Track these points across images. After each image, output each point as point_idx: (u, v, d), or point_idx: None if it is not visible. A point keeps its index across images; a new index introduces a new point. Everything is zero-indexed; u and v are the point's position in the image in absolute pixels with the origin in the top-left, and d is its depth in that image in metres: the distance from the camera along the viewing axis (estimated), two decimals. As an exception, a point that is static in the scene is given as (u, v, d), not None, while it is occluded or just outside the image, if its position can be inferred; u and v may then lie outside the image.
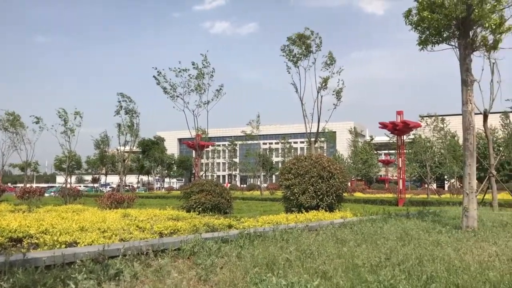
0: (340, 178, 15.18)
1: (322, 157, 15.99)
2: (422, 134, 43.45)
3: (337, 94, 24.52)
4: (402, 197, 27.78)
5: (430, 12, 10.48)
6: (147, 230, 9.01)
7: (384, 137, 66.68)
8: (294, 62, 24.41)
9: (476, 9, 10.05)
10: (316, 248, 7.00)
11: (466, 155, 10.15)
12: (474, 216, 10.02)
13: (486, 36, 10.76)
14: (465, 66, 10.38)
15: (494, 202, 18.62)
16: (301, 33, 24.08)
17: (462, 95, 10.34)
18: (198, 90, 25.96)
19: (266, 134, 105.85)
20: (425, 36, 11.20)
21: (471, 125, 10.19)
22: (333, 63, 24.48)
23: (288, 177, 15.20)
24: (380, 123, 30.36)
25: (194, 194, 16.20)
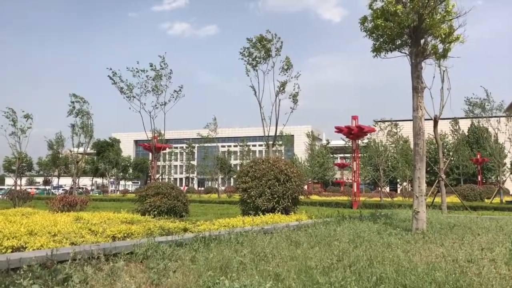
0: (296, 181, 15.34)
1: (279, 160, 16.10)
2: (376, 138, 44.63)
3: (294, 98, 24.79)
4: (356, 200, 28.38)
5: (384, 20, 10.78)
6: (99, 234, 8.79)
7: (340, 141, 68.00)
8: (253, 65, 24.47)
9: (427, 18, 10.43)
10: (270, 250, 7.04)
11: (416, 159, 10.50)
12: (423, 219, 10.36)
13: (436, 45, 11.16)
14: (416, 74, 10.75)
15: (443, 205, 19.34)
16: (262, 36, 24.17)
17: (413, 102, 10.69)
18: (155, 91, 25.65)
19: (224, 137, 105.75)
20: (379, 44, 11.51)
21: (421, 131, 10.55)
22: (290, 68, 24.70)
23: (245, 180, 15.23)
24: (336, 127, 30.93)
25: (150, 197, 15.96)
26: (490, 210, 21.94)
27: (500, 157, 36.67)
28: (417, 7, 10.26)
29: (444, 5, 10.68)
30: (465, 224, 11.77)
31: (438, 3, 10.47)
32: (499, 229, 10.97)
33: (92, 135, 34.13)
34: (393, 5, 10.31)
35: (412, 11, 10.38)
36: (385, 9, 10.64)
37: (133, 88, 25.50)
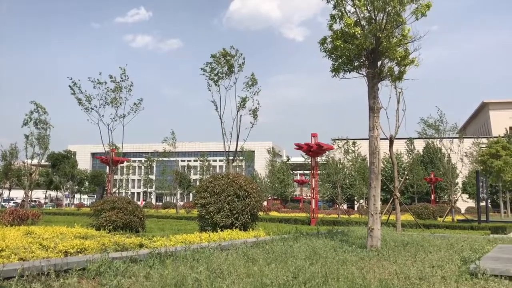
0: (256, 198, 15.36)
1: (239, 176, 16.10)
2: (335, 156, 45.39)
3: (253, 113, 24.95)
4: (314, 217, 28.65)
5: (343, 41, 11.08)
6: (51, 249, 8.48)
7: (300, 157, 68.82)
8: (215, 80, 24.52)
9: (384, 41, 10.80)
10: (227, 267, 7.00)
11: (372, 177, 10.75)
12: (378, 236, 10.58)
13: (392, 67, 11.55)
14: (373, 94, 11.06)
15: (398, 223, 19.78)
16: (226, 51, 24.29)
17: (369, 121, 10.98)
18: (114, 104, 25.21)
19: (185, 151, 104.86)
20: (338, 64, 11.79)
21: (376, 150, 10.83)
22: (254, 84, 24.89)
23: (204, 195, 15.12)
24: (296, 144, 31.26)
25: (105, 212, 15.56)
26: (442, 228, 22.62)
27: (453, 177, 38.05)
28: (375, 30, 10.61)
29: (400, 29, 11.08)
30: (418, 242, 12.09)
31: (395, 27, 10.86)
32: (449, 247, 11.33)
33: (48, 147, 33.08)
34: (352, 27, 10.61)
35: (370, 34, 10.72)
36: (344, 30, 10.95)
37: (92, 99, 24.99)
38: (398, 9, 10.45)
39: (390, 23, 10.61)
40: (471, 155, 46.81)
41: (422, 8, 10.59)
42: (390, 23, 10.63)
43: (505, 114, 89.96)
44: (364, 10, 10.68)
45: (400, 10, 10.51)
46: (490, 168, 38.95)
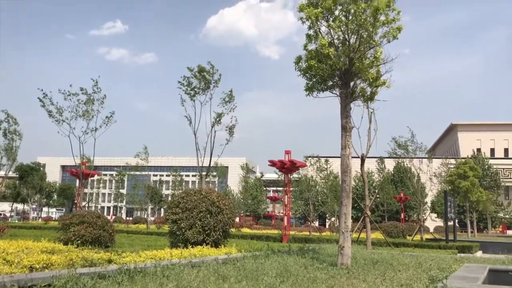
0: (228, 214, 15.30)
1: (212, 192, 16.02)
2: (308, 173, 45.69)
3: (230, 130, 25.02)
4: (286, 234, 28.67)
5: (317, 61, 11.28)
6: (15, 264, 8.24)
7: (273, 174, 68.96)
8: (191, 95, 24.53)
9: (357, 63, 11.05)
10: (197, 284, 6.94)
11: (343, 196, 10.89)
12: (348, 254, 10.67)
13: (365, 88, 11.81)
14: (345, 114, 11.27)
15: (368, 241, 20.00)
16: (203, 67, 24.39)
17: (342, 140, 11.16)
18: (86, 116, 24.88)
19: (157, 166, 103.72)
20: (312, 83, 11.99)
21: (348, 168, 10.99)
22: (231, 100, 24.98)
23: (175, 211, 14.97)
24: (269, 161, 31.38)
25: (74, 226, 15.24)
26: (411, 247, 22.96)
27: (422, 196, 38.76)
28: (348, 52, 10.85)
29: (373, 51, 11.36)
30: (387, 260, 12.24)
31: (368, 49, 11.13)
32: (418, 265, 11.52)
33: (16, 158, 32.23)
34: (326, 47, 10.82)
35: (343, 55, 10.96)
36: (319, 51, 11.15)
37: (63, 111, 24.61)
38: (370, 31, 10.73)
39: (363, 45, 10.88)
40: (439, 175, 47.82)
41: (394, 31, 10.91)
42: (363, 45, 10.90)
43: (473, 136, 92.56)
44: (338, 31, 10.93)
45: (373, 32, 10.80)
46: (458, 188, 39.82)
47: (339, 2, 10.82)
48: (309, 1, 11.28)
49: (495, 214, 66.51)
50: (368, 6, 10.59)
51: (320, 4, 10.98)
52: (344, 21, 10.81)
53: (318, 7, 10.98)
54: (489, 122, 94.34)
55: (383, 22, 10.86)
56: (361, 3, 10.57)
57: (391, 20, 10.94)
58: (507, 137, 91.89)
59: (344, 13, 10.90)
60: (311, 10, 10.90)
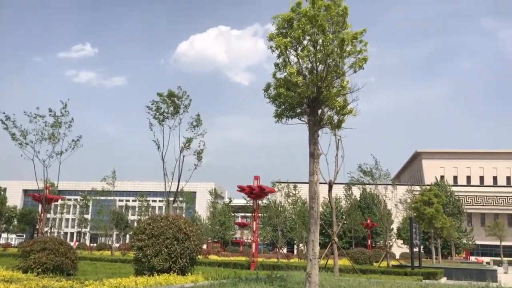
0: (195, 241, 15.11)
1: (179, 218, 15.82)
2: (277, 199, 45.76)
3: (198, 154, 24.92)
4: (254, 261, 28.42)
5: (286, 89, 11.47)
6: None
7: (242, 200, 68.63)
8: (160, 120, 24.43)
9: (324, 91, 11.30)
10: (162, 313, 6.79)
11: (311, 222, 10.95)
12: (315, 282, 10.67)
13: (332, 116, 12.04)
14: (313, 141, 11.44)
15: (335, 268, 20.05)
16: (173, 91, 24.38)
17: (310, 167, 11.28)
18: (52, 139, 24.32)
19: (123, 191, 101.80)
20: (281, 110, 12.16)
21: (316, 195, 11.09)
22: (199, 125, 24.98)
23: (141, 237, 14.68)
24: (238, 187, 31.28)
25: (35, 253, 14.70)
26: (378, 273, 23.12)
27: (388, 223, 39.32)
28: (316, 80, 11.10)
29: (340, 80, 11.65)
30: (354, 287, 12.29)
31: (335, 78, 11.41)
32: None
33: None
34: (295, 76, 11.04)
35: (311, 83, 11.20)
36: (287, 79, 11.36)
37: (27, 134, 23.99)
38: (337, 61, 11.03)
39: (330, 74, 11.16)
40: (405, 201, 48.71)
41: (360, 62, 11.25)
42: (330, 74, 11.17)
43: (436, 163, 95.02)
44: (306, 60, 11.19)
45: (340, 62, 11.10)
46: (422, 215, 40.57)
47: (307, 33, 11.11)
48: (278, 31, 11.55)
49: (459, 241, 67.92)
50: (336, 37, 10.91)
51: (289, 34, 11.25)
52: (312, 50, 11.10)
53: (287, 36, 11.25)
54: (452, 150, 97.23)
55: (349, 52, 11.19)
56: (328, 34, 10.89)
57: (358, 51, 11.28)
58: (469, 165, 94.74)
59: (312, 43, 11.19)
60: (280, 39, 11.15)
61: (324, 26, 10.85)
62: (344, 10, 11.17)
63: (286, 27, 11.52)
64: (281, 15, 11.52)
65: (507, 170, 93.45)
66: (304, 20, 11.07)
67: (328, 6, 11.15)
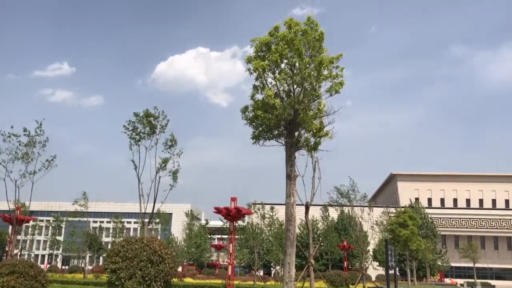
0: (170, 263, 14.89)
1: (154, 240, 15.59)
2: (254, 221, 45.54)
3: (173, 175, 24.72)
4: (230, 284, 28.07)
5: (264, 111, 11.60)
6: None
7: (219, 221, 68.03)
8: (136, 140, 24.23)
9: (301, 114, 11.46)
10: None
11: (287, 244, 10.94)
12: (292, 304, 10.61)
13: (309, 138, 12.20)
14: (290, 163, 11.53)
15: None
16: (149, 112, 24.26)
17: (286, 188, 11.34)
18: (25, 159, 23.81)
19: (98, 212, 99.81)
20: (258, 132, 12.27)
21: (292, 217, 11.12)
22: (174, 145, 24.83)
23: (115, 260, 14.39)
24: (215, 208, 31.04)
25: (3, 276, 14.24)
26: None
27: (364, 245, 39.47)
28: (293, 103, 11.26)
29: (316, 103, 11.84)
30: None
31: (311, 101, 11.60)
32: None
33: None
34: (272, 98, 11.19)
35: (288, 106, 11.35)
36: (265, 101, 11.50)
37: (0, 153, 23.44)
38: (314, 85, 11.24)
39: (307, 97, 11.35)
40: (381, 223, 49.08)
41: (336, 86, 11.48)
42: (307, 97, 11.37)
43: (411, 186, 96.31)
44: (284, 83, 11.38)
45: (316, 86, 11.31)
46: (398, 237, 40.94)
47: (285, 56, 11.31)
48: (256, 54, 11.74)
49: (433, 262, 68.49)
50: (312, 61, 11.13)
51: (267, 57, 11.43)
52: (290, 73, 11.28)
53: (265, 59, 11.42)
54: (426, 173, 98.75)
55: (326, 76, 11.41)
56: (305, 57, 11.12)
57: (334, 75, 11.51)
58: (443, 187, 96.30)
59: (290, 66, 11.39)
60: (258, 62, 11.32)
61: (301, 50, 11.07)
62: (321, 35, 11.45)
63: (264, 50, 11.72)
64: (259, 39, 11.71)
65: (480, 193, 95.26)
66: (282, 44, 11.28)
67: (305, 31, 11.39)
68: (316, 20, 12.13)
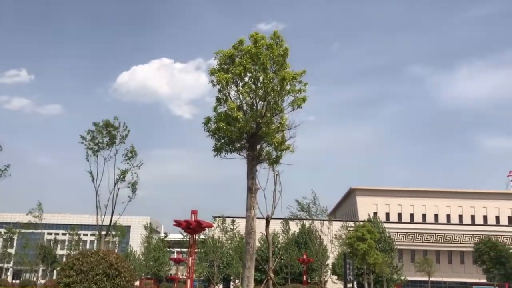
0: (127, 277, 14.55)
1: (110, 253, 15.21)
2: (215, 234, 45.13)
3: (132, 186, 24.31)
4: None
5: (226, 123, 11.61)
6: None
7: (179, 234, 67.01)
8: (94, 150, 23.71)
9: (264, 127, 11.53)
10: None
11: (246, 258, 10.90)
12: (250, 318, 10.53)
13: (270, 151, 12.27)
14: (251, 176, 11.54)
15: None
16: (109, 122, 23.82)
17: (247, 201, 11.33)
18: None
19: (53, 223, 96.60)
20: (220, 144, 12.26)
21: (252, 230, 11.10)
22: (134, 156, 24.45)
23: (69, 273, 13.92)
24: (175, 221, 30.59)
25: None
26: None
27: (323, 258, 39.81)
28: (255, 116, 11.32)
29: (279, 117, 11.95)
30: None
31: (274, 115, 11.70)
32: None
33: None
34: (235, 111, 11.22)
35: (251, 119, 11.40)
36: (228, 113, 11.53)
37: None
38: (277, 99, 11.35)
39: (270, 111, 11.44)
40: (340, 237, 49.60)
41: (298, 100, 11.63)
42: (270, 111, 11.46)
43: (370, 200, 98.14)
44: (247, 96, 11.44)
45: (279, 100, 11.43)
46: (356, 250, 41.44)
47: (249, 70, 11.39)
48: (220, 66, 11.77)
49: (390, 276, 69.70)
50: (276, 75, 11.26)
51: (230, 69, 11.48)
52: (253, 87, 11.36)
53: (228, 72, 11.46)
54: (384, 187, 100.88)
55: (289, 91, 11.56)
56: (269, 72, 11.23)
57: (297, 90, 11.67)
58: (400, 202, 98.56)
59: (253, 80, 11.47)
60: (221, 74, 11.35)
61: (266, 64, 11.18)
62: (285, 50, 11.61)
63: (228, 63, 11.76)
64: (223, 51, 11.76)
65: (435, 208, 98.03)
66: (246, 57, 11.36)
67: (270, 46, 11.53)
68: (282, 35, 12.33)
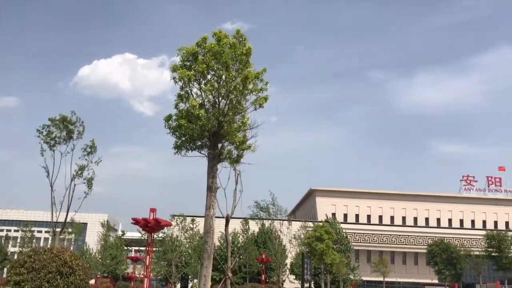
0: (81, 275, 14.20)
1: (64, 251, 14.80)
2: (173, 233, 44.65)
3: (89, 182, 23.79)
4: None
5: (188, 121, 11.51)
6: None
7: (136, 233, 65.98)
8: (51, 145, 23.06)
9: (226, 126, 11.50)
10: None
11: (204, 257, 10.85)
12: (207, 317, 10.49)
13: (232, 150, 12.26)
14: (212, 174, 11.50)
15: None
16: (66, 116, 23.25)
17: (207, 200, 11.28)
18: None
19: (4, 219, 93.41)
20: (181, 142, 12.14)
21: (211, 229, 11.06)
22: (94, 151, 23.96)
23: (20, 271, 13.45)
24: (133, 219, 30.08)
25: None
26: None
27: (282, 258, 40.12)
28: (218, 115, 11.29)
29: (241, 116, 11.96)
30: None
31: (236, 114, 11.70)
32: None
33: None
34: (197, 109, 11.14)
35: (213, 117, 11.36)
36: (190, 111, 11.43)
37: None
38: (239, 98, 11.35)
39: (232, 109, 11.43)
40: (299, 237, 50.10)
41: (260, 100, 11.67)
42: (232, 110, 11.45)
43: (329, 201, 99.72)
44: (209, 94, 11.39)
45: (241, 99, 11.44)
46: (314, 250, 41.97)
47: (211, 68, 11.34)
48: (182, 63, 11.66)
49: (347, 276, 71.02)
50: (239, 74, 11.25)
51: (193, 67, 11.40)
52: (216, 85, 11.31)
53: (191, 69, 11.37)
54: (343, 189, 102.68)
55: (251, 90, 11.58)
56: (232, 71, 11.21)
57: (259, 89, 11.71)
58: (358, 204, 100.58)
59: (216, 78, 11.43)
60: (184, 71, 11.24)
61: (229, 63, 11.17)
62: (248, 50, 11.62)
63: (190, 60, 11.67)
64: (186, 48, 11.66)
65: (391, 210, 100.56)
66: (209, 55, 11.31)
67: (233, 44, 11.51)
68: (245, 34, 12.34)
